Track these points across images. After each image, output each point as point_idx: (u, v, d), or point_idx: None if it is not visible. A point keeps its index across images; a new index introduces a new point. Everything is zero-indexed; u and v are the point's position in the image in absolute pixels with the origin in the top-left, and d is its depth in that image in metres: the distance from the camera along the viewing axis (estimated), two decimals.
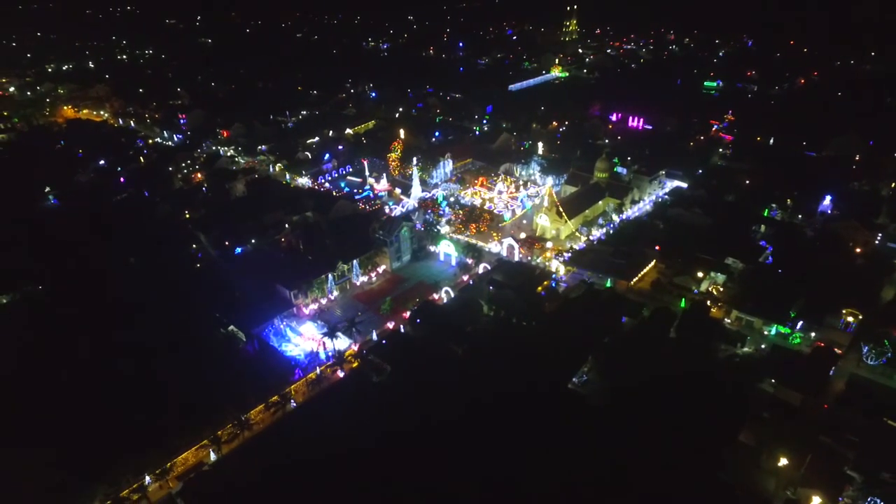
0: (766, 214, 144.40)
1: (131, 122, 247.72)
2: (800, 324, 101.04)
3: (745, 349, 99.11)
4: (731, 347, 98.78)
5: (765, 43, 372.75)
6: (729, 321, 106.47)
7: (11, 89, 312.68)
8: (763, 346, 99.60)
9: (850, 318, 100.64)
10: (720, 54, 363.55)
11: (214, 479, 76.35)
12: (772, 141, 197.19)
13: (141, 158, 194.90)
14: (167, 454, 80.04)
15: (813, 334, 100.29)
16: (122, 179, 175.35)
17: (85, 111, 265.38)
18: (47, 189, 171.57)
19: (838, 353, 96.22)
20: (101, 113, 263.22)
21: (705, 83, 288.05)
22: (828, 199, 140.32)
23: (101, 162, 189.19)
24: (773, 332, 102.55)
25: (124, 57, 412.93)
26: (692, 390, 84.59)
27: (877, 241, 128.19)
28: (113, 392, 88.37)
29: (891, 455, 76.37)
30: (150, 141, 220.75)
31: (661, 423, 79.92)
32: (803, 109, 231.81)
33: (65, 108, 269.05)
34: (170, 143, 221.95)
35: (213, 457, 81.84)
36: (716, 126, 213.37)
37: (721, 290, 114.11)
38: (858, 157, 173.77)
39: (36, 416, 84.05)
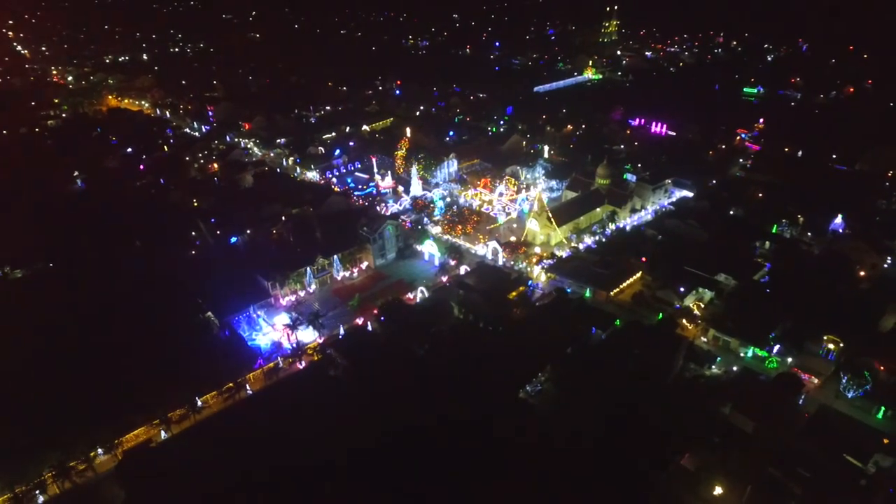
0: (774, 231, 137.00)
1: (167, 112, 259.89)
2: (776, 348, 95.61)
3: (714, 370, 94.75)
4: (698, 367, 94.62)
5: (820, 48, 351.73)
6: (705, 340, 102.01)
7: (69, 78, 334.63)
8: (735, 368, 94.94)
9: (831, 346, 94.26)
10: (768, 59, 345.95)
11: (155, 456, 79.74)
12: (800, 153, 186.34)
13: (165, 147, 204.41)
14: (122, 429, 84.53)
15: (790, 360, 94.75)
16: (141, 167, 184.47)
17: (127, 101, 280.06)
18: (76, 173, 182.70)
19: (815, 381, 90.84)
20: (142, 102, 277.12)
21: (745, 89, 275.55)
22: (839, 218, 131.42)
23: (129, 149, 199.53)
24: (750, 354, 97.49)
25: (176, 49, 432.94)
26: (643, 408, 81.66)
27: (886, 265, 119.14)
28: (81, 367, 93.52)
29: (845, 494, 71.75)
30: (179, 131, 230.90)
31: (601, 439, 77.66)
32: (845, 120, 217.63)
33: (110, 97, 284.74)
34: (197, 133, 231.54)
35: (163, 435, 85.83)
36: (743, 135, 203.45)
37: (703, 306, 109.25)
38: (891, 172, 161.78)
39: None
